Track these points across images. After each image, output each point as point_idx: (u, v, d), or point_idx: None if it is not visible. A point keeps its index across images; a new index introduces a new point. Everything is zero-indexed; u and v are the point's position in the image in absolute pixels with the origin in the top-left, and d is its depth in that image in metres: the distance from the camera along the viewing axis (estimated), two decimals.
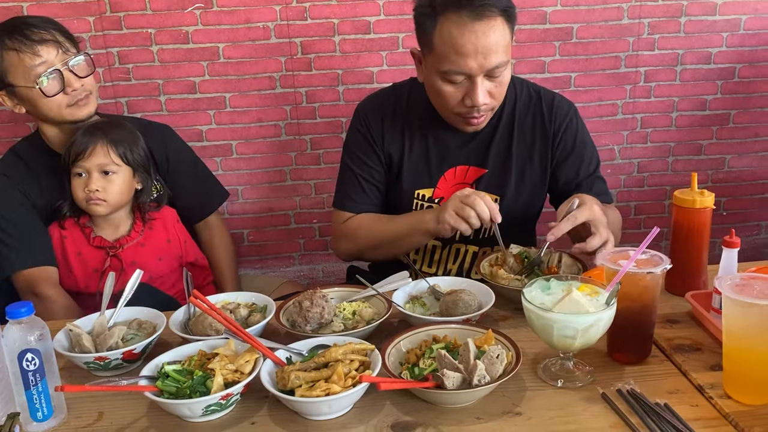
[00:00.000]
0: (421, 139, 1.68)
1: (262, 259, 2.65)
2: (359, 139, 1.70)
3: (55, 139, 1.83)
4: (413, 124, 1.68)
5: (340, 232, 1.70)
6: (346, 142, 1.75)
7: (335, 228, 1.73)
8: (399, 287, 1.40)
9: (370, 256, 1.72)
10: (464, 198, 1.41)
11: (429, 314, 1.34)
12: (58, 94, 1.71)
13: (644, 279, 1.12)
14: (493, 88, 1.49)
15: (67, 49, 1.72)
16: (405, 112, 1.68)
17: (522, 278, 1.43)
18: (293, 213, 2.61)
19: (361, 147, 1.69)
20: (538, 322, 1.09)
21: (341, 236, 1.70)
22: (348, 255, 1.72)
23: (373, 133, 1.68)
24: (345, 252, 1.71)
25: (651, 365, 1.18)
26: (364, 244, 1.65)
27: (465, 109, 1.51)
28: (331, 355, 1.10)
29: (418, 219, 1.54)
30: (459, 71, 1.45)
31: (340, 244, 1.72)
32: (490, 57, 1.42)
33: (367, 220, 1.66)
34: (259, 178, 2.55)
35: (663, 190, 2.71)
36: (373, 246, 1.63)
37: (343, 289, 1.44)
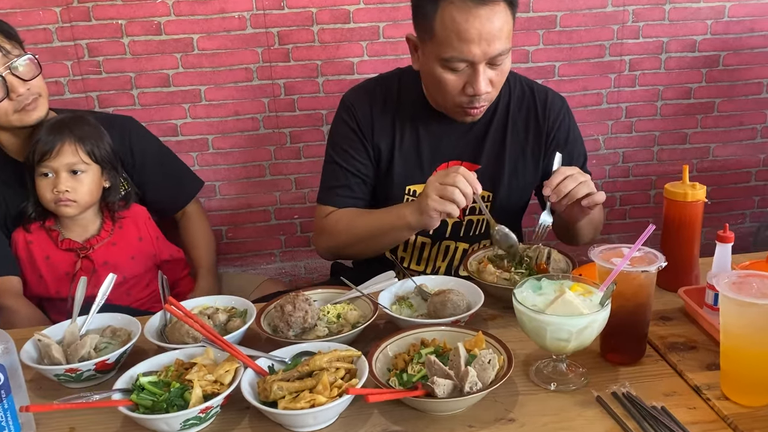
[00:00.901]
0: (412, 132, 1.62)
1: (242, 256, 2.59)
2: (345, 130, 1.63)
3: (10, 146, 1.74)
4: (404, 116, 1.62)
5: (320, 227, 1.64)
6: (331, 134, 1.68)
7: (316, 223, 1.66)
8: (385, 288, 1.36)
9: (350, 254, 1.66)
10: (442, 179, 1.34)
11: (416, 315, 1.30)
12: (3, 101, 1.61)
13: (639, 277, 1.09)
14: (494, 77, 1.45)
15: (7, 51, 1.60)
16: (395, 103, 1.62)
17: (511, 275, 1.39)
18: (273, 209, 2.55)
19: (348, 139, 1.62)
20: (530, 324, 1.05)
21: (321, 232, 1.64)
22: (328, 252, 1.65)
23: (361, 125, 1.61)
24: (325, 249, 1.65)
25: (645, 365, 1.16)
26: (343, 240, 1.58)
27: (466, 98, 1.46)
28: (315, 363, 1.05)
29: (397, 214, 1.46)
30: (461, 58, 1.40)
31: (320, 241, 1.65)
32: (494, 44, 1.38)
33: (347, 215, 1.59)
34: (237, 174, 2.49)
35: (648, 180, 2.70)
36: (351, 242, 1.57)
37: (327, 290, 1.40)
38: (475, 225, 1.67)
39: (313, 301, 1.31)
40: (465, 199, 1.32)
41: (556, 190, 1.34)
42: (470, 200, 1.33)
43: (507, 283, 1.38)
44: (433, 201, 1.34)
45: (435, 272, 1.71)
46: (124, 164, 1.91)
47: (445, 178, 1.33)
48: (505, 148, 1.63)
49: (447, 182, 1.32)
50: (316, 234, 1.67)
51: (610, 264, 1.09)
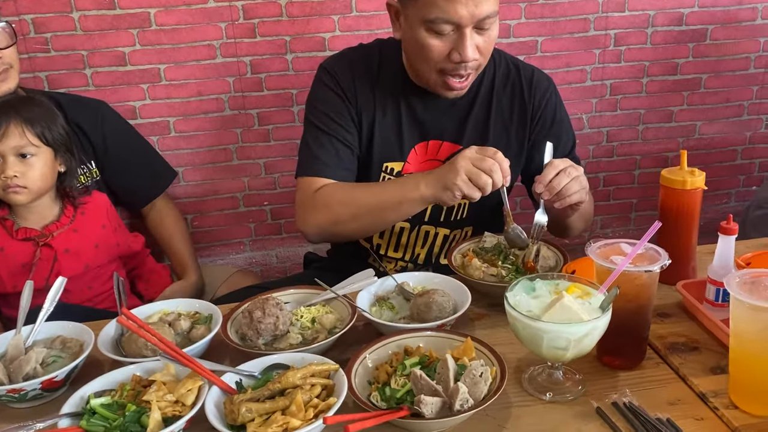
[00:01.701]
0: (393, 107, 1.52)
1: (209, 246, 2.48)
2: (329, 95, 1.50)
3: None
4: (385, 89, 1.52)
5: (310, 202, 1.45)
6: (310, 102, 1.55)
7: (303, 199, 1.47)
8: (363, 287, 1.26)
9: (345, 231, 1.46)
10: (479, 162, 1.24)
11: (398, 318, 1.22)
12: None
13: (641, 277, 1.02)
14: (481, 43, 1.35)
15: None
16: (376, 75, 1.52)
17: (497, 270, 1.31)
18: (242, 195, 2.43)
19: (332, 104, 1.50)
20: (525, 331, 0.97)
21: (312, 207, 1.44)
22: (319, 231, 1.46)
23: (345, 90, 1.50)
24: (316, 227, 1.45)
25: (646, 370, 1.09)
26: (342, 214, 1.41)
27: (451, 65, 1.36)
28: (288, 380, 0.96)
29: (412, 185, 1.34)
30: (447, 19, 1.30)
31: (311, 218, 1.44)
32: (482, 5, 1.28)
33: (344, 188, 1.45)
34: (201, 158, 2.36)
35: (633, 160, 2.64)
36: (351, 218, 1.41)
37: (300, 291, 1.30)
38: (456, 209, 1.59)
39: (285, 303, 1.22)
40: (491, 189, 1.24)
41: (548, 187, 1.26)
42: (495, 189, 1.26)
43: (494, 279, 1.30)
44: (461, 180, 1.24)
45: (414, 260, 1.62)
46: (95, 150, 1.85)
47: (482, 164, 1.24)
48: (489, 128, 1.55)
49: (483, 168, 1.24)
50: (304, 211, 1.47)
51: (610, 263, 1.01)
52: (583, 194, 1.30)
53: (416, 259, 1.63)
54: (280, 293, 1.27)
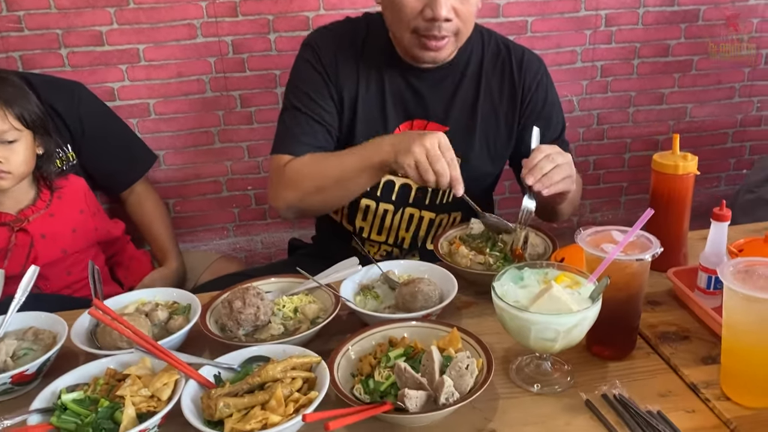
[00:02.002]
0: (378, 84, 1.48)
1: (192, 231, 2.44)
2: (310, 73, 1.47)
3: None
4: (369, 65, 1.48)
5: (279, 179, 1.42)
6: (291, 78, 1.51)
7: (274, 175, 1.44)
8: (347, 276, 1.23)
9: (313, 205, 1.44)
10: (433, 159, 1.21)
11: (383, 308, 1.19)
12: None
13: (632, 266, 0.99)
14: (458, 5, 1.31)
15: None
16: (361, 49, 1.48)
17: (485, 258, 1.29)
18: (224, 179, 2.39)
19: (312, 83, 1.46)
20: (512, 323, 0.95)
21: (281, 183, 1.42)
22: (289, 207, 1.43)
23: (327, 67, 1.46)
24: (286, 202, 1.42)
25: (636, 360, 1.07)
26: (307, 187, 1.38)
27: (424, 23, 1.32)
28: (267, 374, 0.93)
29: (373, 150, 1.31)
30: None
31: (280, 194, 1.42)
32: None
33: (313, 159, 1.41)
34: (182, 142, 2.31)
35: (623, 143, 2.62)
36: (317, 189, 1.38)
37: (283, 279, 1.27)
38: (441, 193, 1.55)
39: (267, 293, 1.19)
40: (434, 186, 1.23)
41: (532, 171, 1.23)
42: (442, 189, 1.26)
43: (482, 267, 1.27)
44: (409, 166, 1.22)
45: (399, 244, 1.59)
46: (71, 134, 1.82)
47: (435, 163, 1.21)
48: (477, 109, 1.51)
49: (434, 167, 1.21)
50: (275, 188, 1.44)
51: (600, 252, 0.98)
52: (568, 183, 1.27)
53: (401, 243, 1.60)
54: (261, 282, 1.23)
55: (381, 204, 1.55)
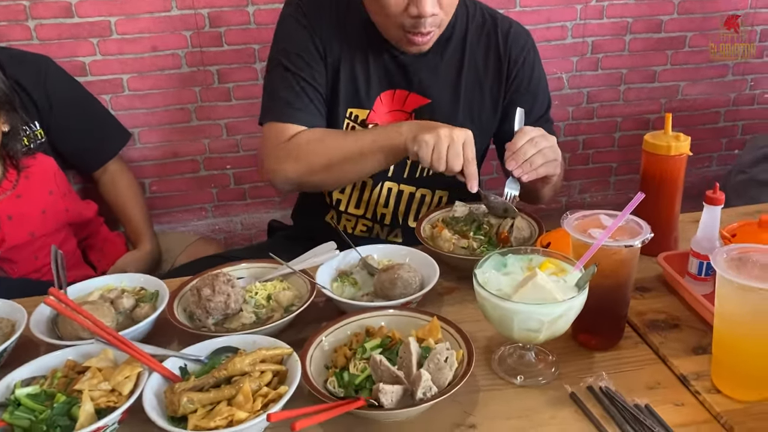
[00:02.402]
0: (361, 52, 1.43)
1: (169, 212, 2.38)
2: (297, 30, 1.40)
3: None
4: (351, 32, 1.42)
5: (283, 152, 1.35)
6: (277, 38, 1.45)
7: (273, 147, 1.37)
8: (324, 261, 1.18)
9: (316, 182, 1.39)
10: (454, 143, 1.19)
11: (361, 295, 1.14)
12: None
13: (620, 252, 0.95)
14: None
15: None
16: (345, 11, 1.43)
17: (468, 242, 1.24)
18: (202, 158, 2.33)
19: (300, 41, 1.40)
20: (494, 312, 0.90)
21: (286, 157, 1.35)
22: (289, 180, 1.37)
23: (313, 25, 1.40)
24: (287, 176, 1.36)
25: (624, 350, 1.03)
26: (315, 163, 1.33)
27: (409, 20, 1.28)
28: (235, 367, 0.89)
29: (393, 131, 1.29)
30: None
31: (281, 166, 1.35)
32: None
33: (319, 134, 1.37)
34: (158, 119, 2.24)
35: (613, 122, 2.57)
36: (324, 166, 1.33)
37: (255, 265, 1.22)
38: (420, 165, 1.49)
39: (239, 279, 1.15)
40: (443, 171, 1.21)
41: (514, 156, 1.20)
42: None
43: (465, 251, 1.23)
44: (443, 139, 1.20)
45: (380, 220, 1.55)
46: (38, 110, 1.77)
47: (449, 143, 1.19)
48: (461, 82, 1.47)
49: (451, 151, 1.19)
50: (275, 160, 1.37)
51: (587, 238, 0.94)
52: (550, 167, 1.24)
53: (382, 219, 1.55)
54: (232, 268, 1.19)
55: None
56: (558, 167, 1.27)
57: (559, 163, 1.26)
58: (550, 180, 1.29)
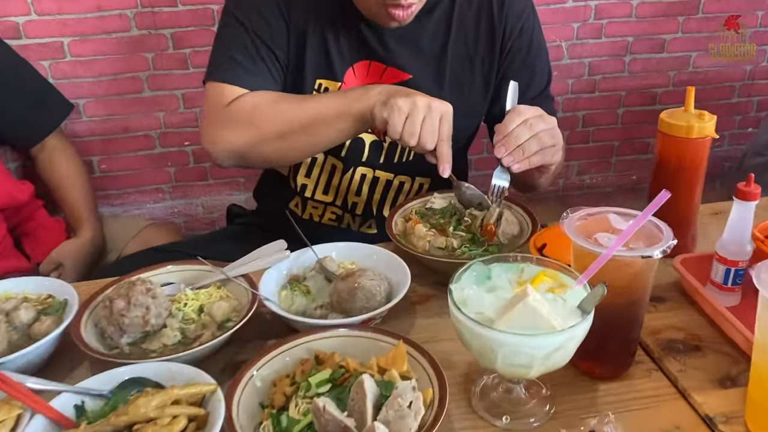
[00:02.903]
0: (332, 16, 1.26)
1: (121, 193, 2.21)
2: None
3: None
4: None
5: (225, 116, 1.19)
6: None
7: (214, 110, 1.21)
8: (271, 264, 1.00)
9: (265, 155, 1.22)
10: (431, 116, 1.05)
11: (314, 307, 0.96)
12: None
13: (635, 264, 0.77)
14: None
15: None
16: None
17: (446, 240, 1.06)
18: (157, 134, 2.16)
19: None
20: (474, 341, 0.72)
21: (228, 122, 1.19)
22: (233, 151, 1.20)
23: None
24: (230, 146, 1.19)
25: (635, 380, 0.86)
26: (266, 131, 1.17)
27: None
28: (137, 411, 0.70)
29: (359, 94, 1.13)
30: None
31: (223, 134, 1.18)
32: None
33: (271, 97, 1.20)
34: (105, 89, 2.07)
35: (617, 97, 2.42)
36: (277, 134, 1.17)
37: (187, 267, 1.03)
38: (400, 149, 1.34)
39: (166, 285, 0.96)
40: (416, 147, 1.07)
41: (504, 141, 1.03)
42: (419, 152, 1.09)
43: (443, 252, 1.05)
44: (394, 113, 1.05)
45: (351, 209, 1.39)
46: None
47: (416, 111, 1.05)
48: (447, 56, 1.30)
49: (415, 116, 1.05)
50: (215, 125, 1.20)
51: (594, 245, 0.76)
52: (547, 155, 1.07)
53: (353, 208, 1.40)
54: (156, 272, 1.00)
55: (329, 158, 1.34)
56: (557, 154, 1.09)
57: (558, 149, 1.09)
58: (548, 169, 1.11)
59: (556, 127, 1.08)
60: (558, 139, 1.09)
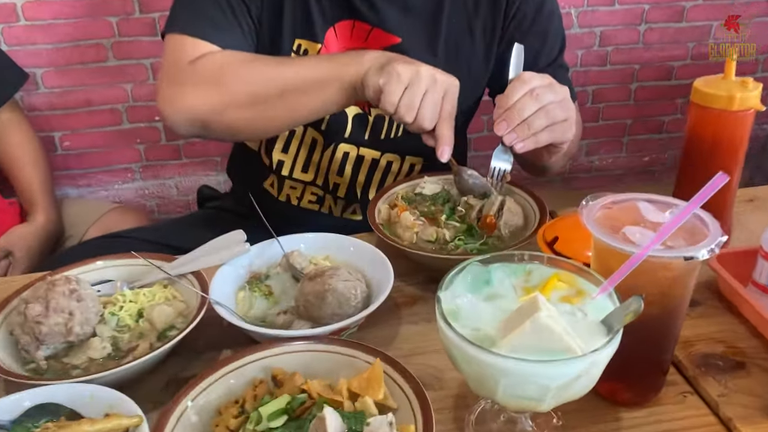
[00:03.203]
0: None
1: (87, 173, 2.08)
2: None
3: None
4: None
5: (188, 73, 1.06)
6: None
7: (173, 67, 1.08)
8: (227, 260, 0.85)
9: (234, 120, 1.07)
10: (433, 90, 0.92)
11: (276, 313, 0.81)
12: None
13: (674, 267, 0.62)
14: None
15: None
16: None
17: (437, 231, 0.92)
18: (124, 107, 2.02)
19: None
20: (470, 367, 0.58)
21: (190, 80, 1.06)
22: (193, 115, 1.06)
23: None
24: (191, 110, 1.06)
25: (666, 406, 0.72)
26: (236, 94, 1.04)
27: None
28: None
29: (350, 59, 1.00)
30: None
31: (184, 96, 1.05)
32: None
33: (241, 58, 1.07)
34: (66, 57, 1.92)
35: (630, 70, 2.28)
36: (250, 99, 1.04)
37: (129, 262, 0.88)
38: (388, 123, 1.21)
39: (98, 284, 0.82)
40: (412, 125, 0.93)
41: (506, 115, 0.89)
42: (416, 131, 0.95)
43: (432, 245, 0.91)
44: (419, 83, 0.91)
45: (333, 191, 1.26)
46: None
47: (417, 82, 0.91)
48: (441, 16, 1.18)
49: (414, 87, 0.91)
50: (174, 86, 1.07)
51: (624, 243, 0.60)
52: (557, 132, 0.93)
53: (335, 190, 1.27)
54: (87, 268, 0.85)
55: (309, 131, 1.21)
56: (569, 131, 0.95)
57: (571, 125, 0.95)
58: (558, 149, 0.97)
59: (568, 98, 0.94)
60: (570, 112, 0.95)
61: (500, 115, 0.90)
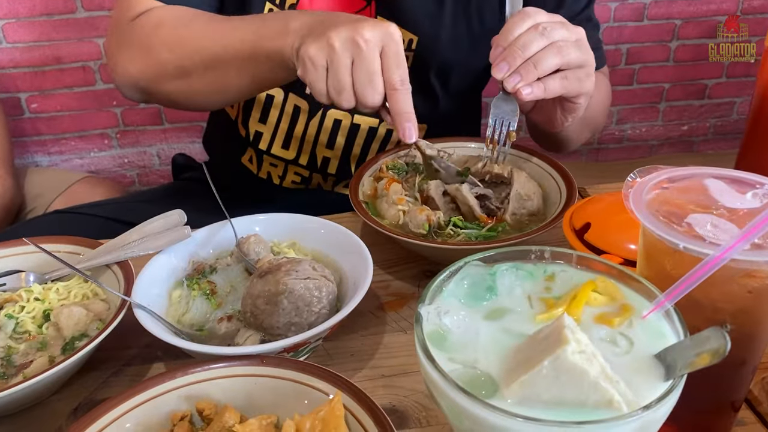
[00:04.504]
0: None
1: (58, 139, 1.97)
2: None
3: None
4: None
5: (126, 33, 1.00)
6: None
7: (117, 24, 1.02)
8: (162, 248, 0.69)
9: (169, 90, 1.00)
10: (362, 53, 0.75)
11: (218, 320, 0.65)
12: None
13: (762, 276, 0.44)
14: None
15: None
16: None
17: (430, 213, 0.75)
18: (97, 65, 1.88)
19: None
20: (463, 425, 0.41)
21: (126, 42, 1.00)
22: (131, 82, 1.00)
23: None
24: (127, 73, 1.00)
25: None
26: (165, 63, 0.96)
27: None
28: None
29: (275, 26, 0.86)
30: None
31: (121, 58, 1.00)
32: None
33: (179, 16, 0.99)
34: (30, 8, 1.79)
35: (670, 27, 2.09)
36: (178, 70, 0.96)
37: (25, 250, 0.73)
38: None
39: (3, 276, 0.68)
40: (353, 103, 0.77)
41: (508, 54, 0.76)
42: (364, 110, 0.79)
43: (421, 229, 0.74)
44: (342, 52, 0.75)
45: (322, 169, 1.13)
46: None
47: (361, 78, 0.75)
48: None
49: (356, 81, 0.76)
50: (114, 46, 1.02)
51: (693, 241, 0.43)
52: (572, 81, 0.80)
53: (324, 167, 1.13)
54: None
55: (291, 96, 1.09)
56: (588, 81, 0.80)
57: (589, 74, 0.80)
58: (576, 105, 0.81)
59: (584, 39, 0.79)
60: (589, 56, 0.80)
61: (498, 55, 0.75)
